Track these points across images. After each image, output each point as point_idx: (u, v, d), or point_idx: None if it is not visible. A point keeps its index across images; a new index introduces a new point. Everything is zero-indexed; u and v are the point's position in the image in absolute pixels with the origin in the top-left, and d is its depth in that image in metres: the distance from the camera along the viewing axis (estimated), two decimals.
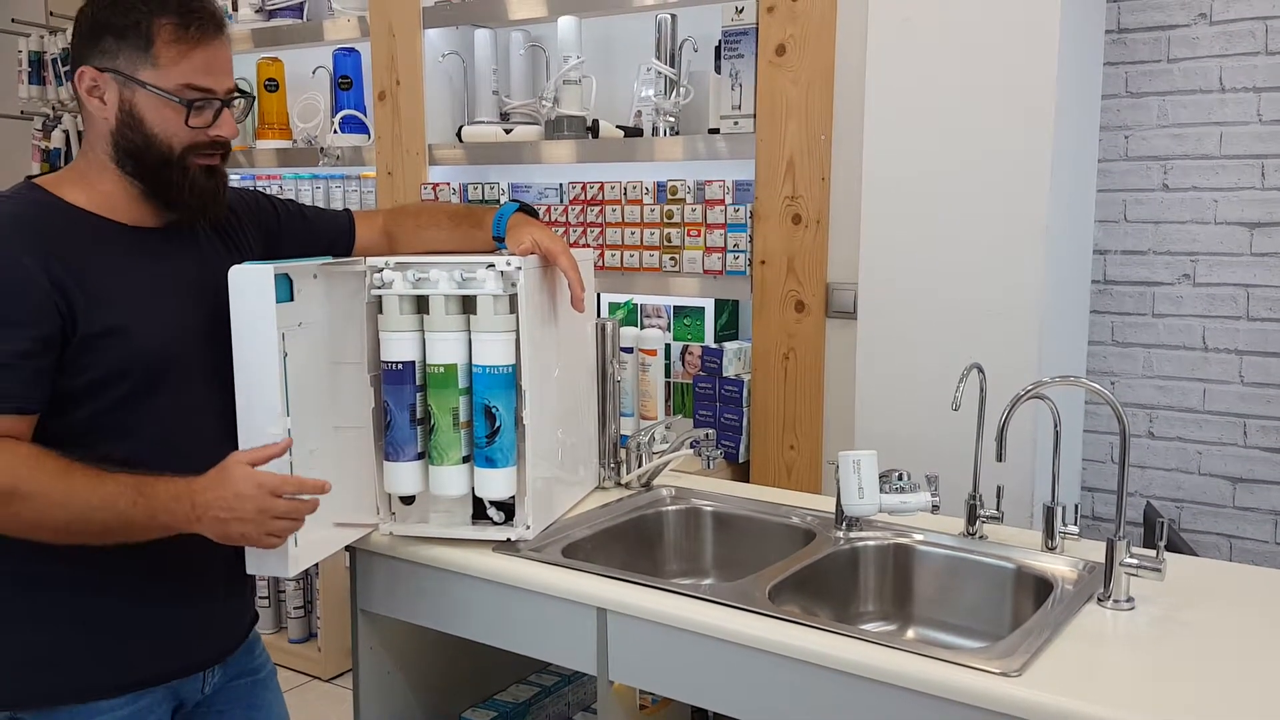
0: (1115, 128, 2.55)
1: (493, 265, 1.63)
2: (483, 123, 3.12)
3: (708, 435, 2.11)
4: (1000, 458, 1.62)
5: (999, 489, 1.75)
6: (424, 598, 1.77)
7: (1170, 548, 1.58)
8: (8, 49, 4.46)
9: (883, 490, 1.72)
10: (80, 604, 1.45)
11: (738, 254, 2.63)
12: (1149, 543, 1.55)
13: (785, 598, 1.60)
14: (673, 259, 2.73)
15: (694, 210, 2.69)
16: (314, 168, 3.53)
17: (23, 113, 4.52)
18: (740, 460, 2.68)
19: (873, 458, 1.73)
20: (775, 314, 2.60)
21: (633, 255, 2.78)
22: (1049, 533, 1.69)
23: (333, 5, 3.39)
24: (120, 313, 1.42)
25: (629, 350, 2.68)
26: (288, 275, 1.55)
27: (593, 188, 2.84)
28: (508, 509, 1.73)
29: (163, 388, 1.46)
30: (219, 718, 1.64)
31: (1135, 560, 1.48)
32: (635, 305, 2.96)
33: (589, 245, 2.83)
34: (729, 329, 2.85)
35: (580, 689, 2.19)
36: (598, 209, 2.83)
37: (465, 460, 1.68)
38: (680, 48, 2.77)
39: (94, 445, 1.41)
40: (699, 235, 2.68)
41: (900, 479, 1.74)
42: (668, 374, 2.79)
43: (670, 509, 2.01)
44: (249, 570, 1.56)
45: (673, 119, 2.79)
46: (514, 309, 1.65)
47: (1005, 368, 1.94)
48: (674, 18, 2.76)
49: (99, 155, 1.48)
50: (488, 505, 1.72)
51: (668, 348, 2.81)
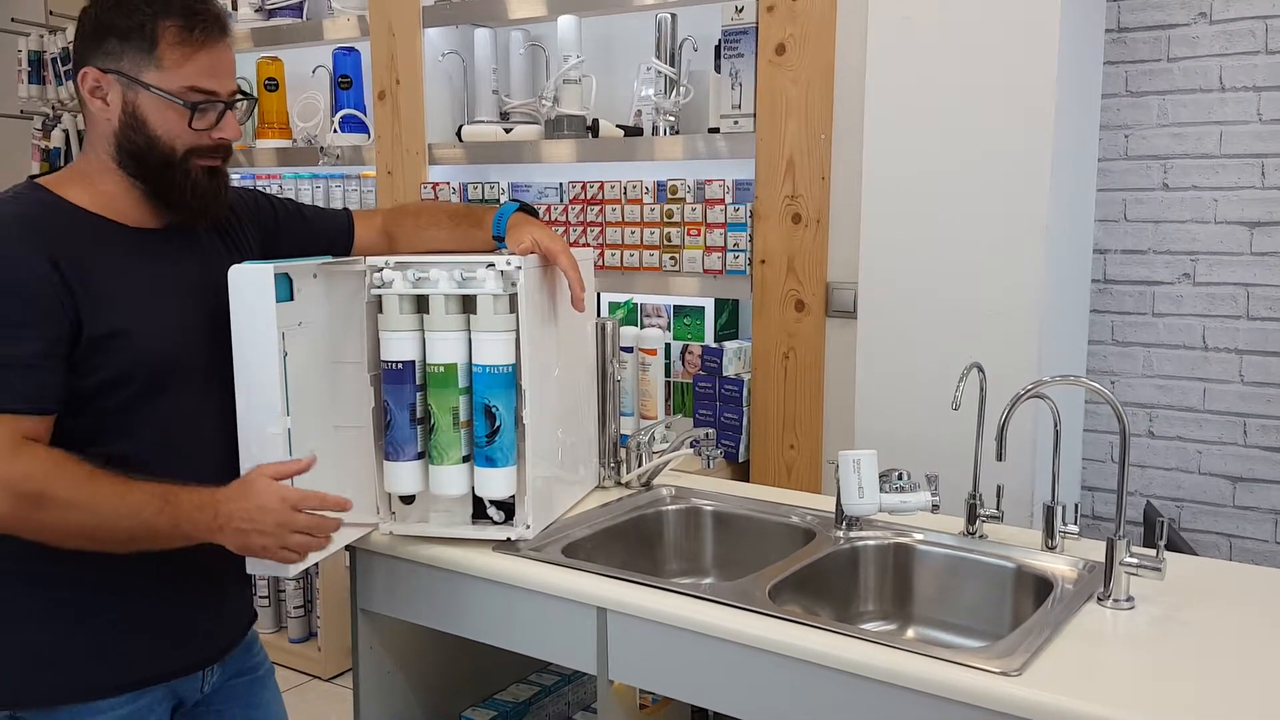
0: (1115, 127, 2.55)
1: (493, 265, 1.63)
2: (483, 122, 3.12)
3: (708, 435, 2.11)
4: (1000, 457, 1.62)
5: (999, 488, 1.75)
6: (424, 597, 1.77)
7: (1170, 547, 1.58)
8: (7, 48, 4.46)
9: (883, 490, 1.72)
10: (81, 603, 1.45)
11: (738, 253, 2.63)
12: (1149, 542, 1.55)
13: (785, 597, 1.60)
14: (673, 258, 2.72)
15: (694, 210, 2.68)
16: (314, 167, 3.53)
17: (22, 112, 4.52)
18: (740, 460, 2.68)
19: (873, 457, 1.73)
20: (775, 313, 2.60)
21: (633, 255, 2.78)
22: (1049, 532, 1.69)
23: (332, 4, 3.39)
24: (123, 316, 1.42)
25: (629, 350, 2.68)
26: (288, 275, 1.55)
27: (593, 187, 2.84)
28: (508, 508, 1.73)
29: (165, 389, 1.46)
30: (218, 716, 1.64)
31: (1135, 559, 1.48)
32: (635, 305, 2.95)
33: (589, 245, 2.83)
34: (729, 328, 2.85)
35: (580, 688, 2.18)
36: (598, 208, 2.83)
37: (465, 460, 1.68)
38: (680, 47, 2.77)
39: (100, 445, 1.41)
40: (699, 235, 2.68)
41: (900, 478, 1.74)
42: (668, 373, 2.79)
43: (670, 508, 2.01)
44: (249, 570, 1.56)
45: (673, 118, 2.79)
46: (514, 308, 1.65)
47: (1005, 367, 1.94)
48: (674, 17, 2.76)
49: (100, 156, 1.47)
50: (488, 505, 1.72)
51: (668, 347, 2.81)
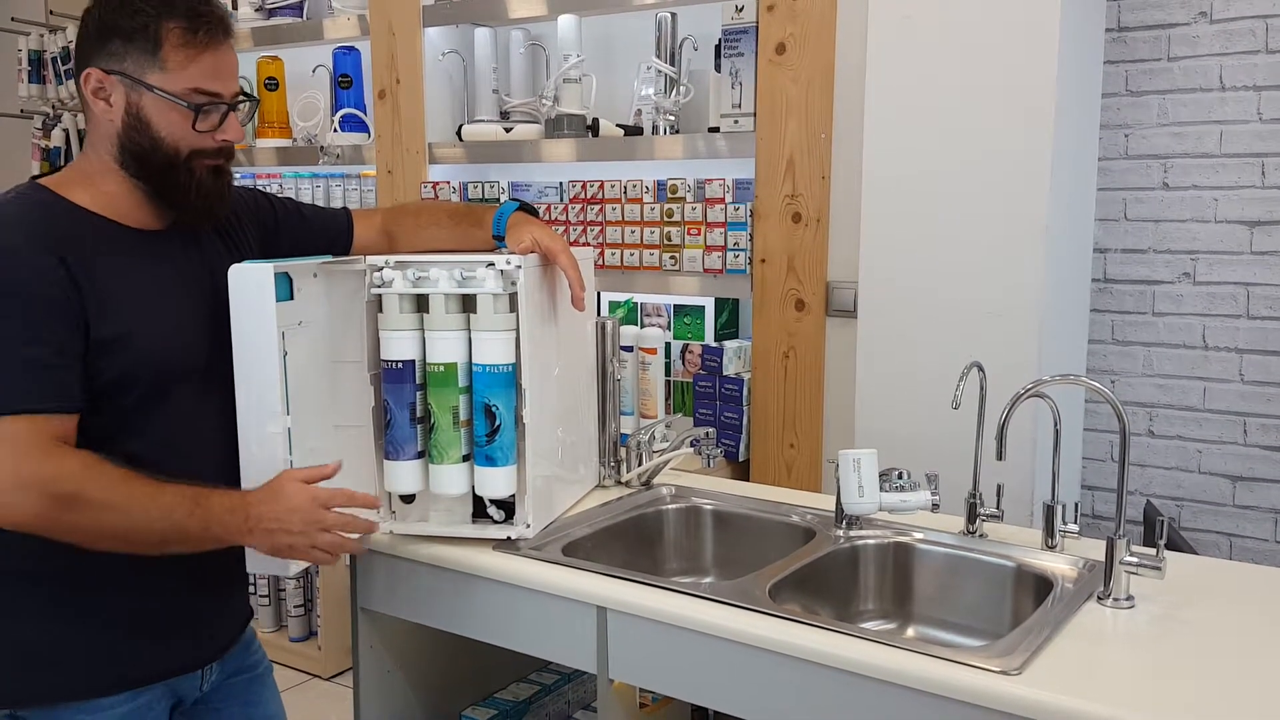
0: (1115, 126, 2.55)
1: (492, 264, 1.63)
2: (483, 121, 3.11)
3: (708, 434, 2.11)
4: (1000, 456, 1.62)
5: (999, 487, 1.75)
6: (424, 596, 1.77)
7: (1170, 546, 1.58)
8: (7, 47, 4.46)
9: (883, 489, 1.72)
10: (81, 602, 1.45)
11: (738, 253, 2.63)
12: (1149, 541, 1.55)
13: (785, 596, 1.60)
14: (673, 258, 2.72)
15: (694, 209, 2.68)
16: (314, 166, 3.53)
17: (22, 111, 4.52)
18: (740, 459, 2.68)
19: (873, 456, 1.73)
20: (775, 313, 2.60)
21: (633, 254, 2.78)
22: (1049, 531, 1.69)
23: (333, 4, 3.39)
24: (126, 319, 1.42)
25: (629, 349, 2.68)
26: (288, 274, 1.55)
27: (593, 186, 2.84)
28: (508, 507, 1.73)
29: (166, 390, 1.47)
30: (216, 714, 1.64)
31: (1135, 559, 1.48)
32: (635, 304, 2.95)
33: (589, 244, 2.83)
34: (729, 328, 2.85)
35: (580, 687, 2.19)
36: (598, 208, 2.83)
37: (465, 459, 1.68)
38: (680, 46, 2.77)
39: (110, 445, 1.40)
40: (699, 234, 2.68)
41: (900, 477, 1.74)
42: (668, 372, 2.79)
43: (670, 507, 2.01)
44: (249, 569, 1.56)
45: (673, 118, 2.79)
46: (514, 308, 1.65)
47: (1005, 366, 1.94)
48: (674, 16, 2.76)
49: (102, 156, 1.47)
50: (488, 504, 1.72)
51: (668, 346, 2.80)
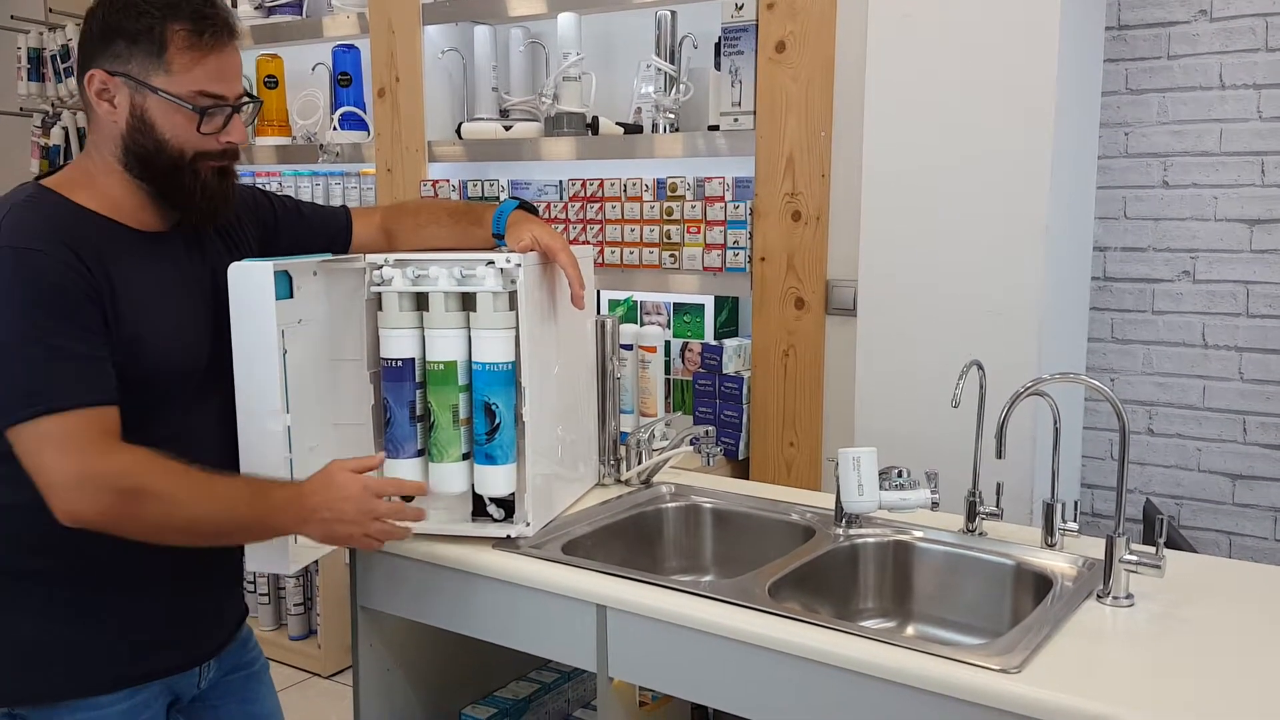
0: (1115, 124, 2.55)
1: (492, 262, 1.63)
2: (482, 119, 3.11)
3: (707, 432, 2.11)
4: (1000, 455, 1.62)
5: (998, 486, 1.75)
6: (424, 594, 1.77)
7: (1170, 544, 1.58)
8: (7, 45, 4.45)
9: (882, 487, 1.72)
10: (79, 600, 1.45)
11: (737, 251, 2.63)
12: (1148, 539, 1.55)
13: (785, 594, 1.60)
14: (672, 256, 2.72)
15: (694, 207, 2.68)
16: (313, 165, 3.53)
17: (22, 109, 4.52)
18: (740, 457, 2.68)
19: (872, 454, 1.73)
20: (775, 311, 2.60)
21: (632, 252, 2.78)
22: (1048, 529, 1.69)
23: (332, 2, 3.38)
24: (134, 321, 1.42)
25: (629, 347, 2.68)
26: (287, 272, 1.55)
27: (592, 185, 2.84)
28: (507, 506, 1.73)
29: (169, 390, 1.47)
30: (214, 712, 1.64)
31: (1135, 557, 1.48)
32: (635, 302, 2.95)
33: (589, 242, 2.83)
34: (729, 326, 2.85)
35: (580, 686, 2.19)
36: (597, 206, 2.83)
37: (465, 457, 1.68)
38: (680, 44, 2.77)
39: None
40: (699, 232, 2.68)
41: (900, 476, 1.74)
42: (667, 371, 2.79)
43: (670, 506, 2.01)
44: (249, 567, 1.56)
45: (672, 116, 2.79)
46: (514, 306, 1.65)
47: (1005, 365, 1.94)
48: (674, 14, 2.76)
49: (105, 158, 1.47)
50: (487, 502, 1.72)
51: (667, 344, 2.80)
